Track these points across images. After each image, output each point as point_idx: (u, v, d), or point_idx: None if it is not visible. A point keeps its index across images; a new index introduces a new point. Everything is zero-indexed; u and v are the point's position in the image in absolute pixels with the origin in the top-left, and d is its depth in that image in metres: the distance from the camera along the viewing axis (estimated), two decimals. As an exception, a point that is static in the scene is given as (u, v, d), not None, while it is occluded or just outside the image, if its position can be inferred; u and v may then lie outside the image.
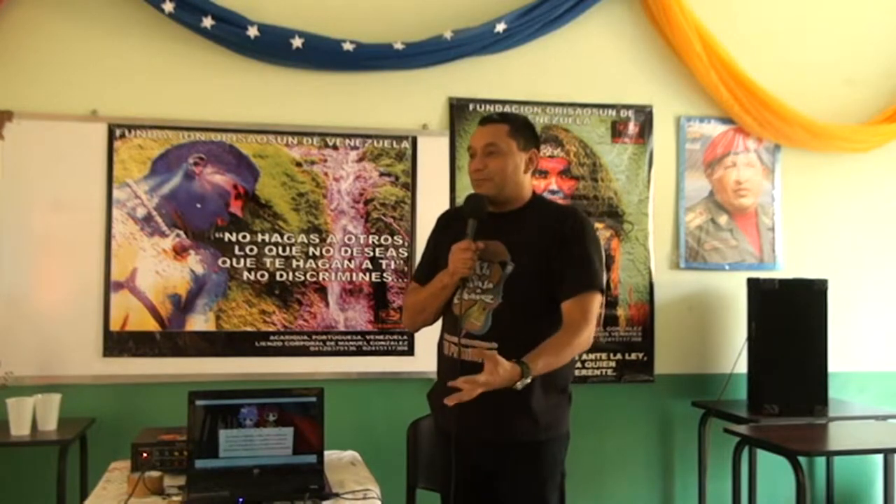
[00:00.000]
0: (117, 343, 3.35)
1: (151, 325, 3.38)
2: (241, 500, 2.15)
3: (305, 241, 3.52)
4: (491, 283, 2.24)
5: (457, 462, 2.16)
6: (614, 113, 3.80)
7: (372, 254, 3.57)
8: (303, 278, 3.51)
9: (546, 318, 2.22)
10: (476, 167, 2.29)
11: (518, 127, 2.32)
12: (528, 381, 2.02)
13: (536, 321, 2.21)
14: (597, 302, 2.22)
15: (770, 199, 3.95)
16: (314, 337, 3.50)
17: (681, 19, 3.69)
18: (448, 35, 3.51)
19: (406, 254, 3.59)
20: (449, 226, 2.41)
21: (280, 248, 3.50)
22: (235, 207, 3.47)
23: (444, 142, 3.65)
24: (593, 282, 2.21)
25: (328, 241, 3.53)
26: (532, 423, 2.22)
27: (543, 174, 3.70)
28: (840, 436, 3.36)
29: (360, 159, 3.57)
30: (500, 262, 2.24)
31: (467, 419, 2.16)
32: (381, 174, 3.59)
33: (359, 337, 3.54)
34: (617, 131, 3.80)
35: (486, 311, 2.23)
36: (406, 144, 3.61)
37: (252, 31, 3.35)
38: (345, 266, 3.55)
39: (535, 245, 2.24)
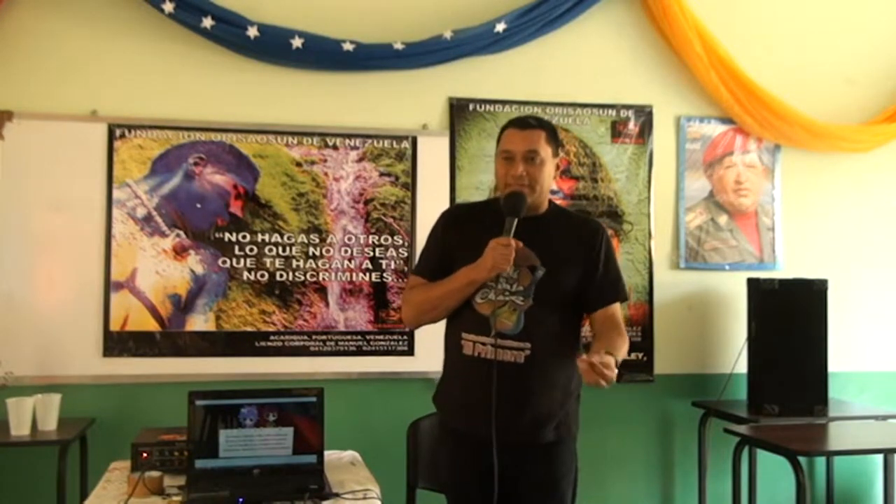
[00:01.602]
0: (117, 343, 3.35)
1: (151, 325, 3.38)
2: (241, 500, 2.16)
3: (305, 241, 3.51)
4: (521, 286, 2.25)
5: (472, 462, 2.18)
6: (614, 113, 3.80)
7: (372, 254, 3.57)
8: (303, 278, 3.51)
9: (571, 322, 2.32)
10: (519, 173, 2.25)
11: (552, 133, 2.33)
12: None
13: (564, 324, 2.29)
14: None
15: (770, 199, 3.95)
16: (314, 337, 3.50)
17: (681, 19, 3.69)
18: (448, 35, 3.51)
19: (406, 254, 3.59)
20: (461, 224, 2.38)
21: (280, 248, 3.49)
22: (235, 207, 3.47)
23: (444, 142, 3.65)
24: (624, 294, 2.42)
25: (328, 241, 3.53)
26: (553, 426, 2.27)
27: (543, 174, 3.70)
28: (840, 436, 3.36)
29: (360, 159, 3.57)
30: (528, 266, 2.24)
31: (490, 423, 2.16)
32: (381, 174, 3.59)
33: (359, 337, 3.54)
34: (617, 131, 3.80)
35: (517, 311, 2.24)
36: (406, 144, 3.61)
37: (252, 32, 3.35)
38: (345, 266, 3.55)
39: (569, 256, 2.29)
